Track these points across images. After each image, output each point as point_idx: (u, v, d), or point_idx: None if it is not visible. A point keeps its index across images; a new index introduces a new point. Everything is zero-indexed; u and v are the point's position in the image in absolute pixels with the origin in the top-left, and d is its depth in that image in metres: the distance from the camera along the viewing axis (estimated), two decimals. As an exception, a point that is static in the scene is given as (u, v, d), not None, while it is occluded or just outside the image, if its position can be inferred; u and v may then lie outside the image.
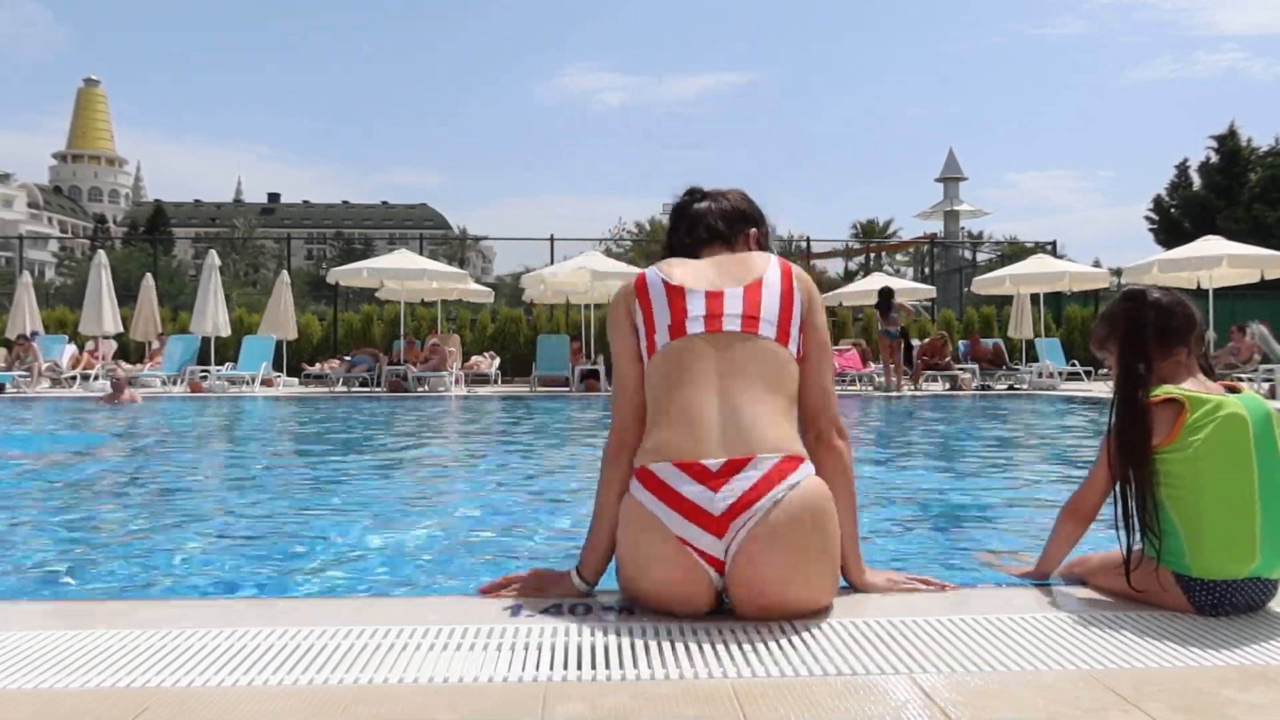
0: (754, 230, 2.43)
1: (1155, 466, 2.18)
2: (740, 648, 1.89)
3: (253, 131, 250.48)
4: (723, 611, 2.11)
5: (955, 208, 37.54)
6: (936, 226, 38.36)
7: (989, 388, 16.30)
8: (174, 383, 16.21)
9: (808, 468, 2.08)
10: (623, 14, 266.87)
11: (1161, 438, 2.18)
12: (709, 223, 2.39)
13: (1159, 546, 2.18)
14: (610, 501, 2.18)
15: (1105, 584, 2.36)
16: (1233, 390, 2.25)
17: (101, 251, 18.80)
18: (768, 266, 2.24)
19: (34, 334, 17.20)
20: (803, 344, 2.21)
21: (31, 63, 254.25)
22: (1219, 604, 2.15)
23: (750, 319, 2.15)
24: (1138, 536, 2.22)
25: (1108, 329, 2.37)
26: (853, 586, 2.29)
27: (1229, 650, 1.90)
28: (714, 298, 2.17)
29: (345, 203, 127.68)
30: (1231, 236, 18.71)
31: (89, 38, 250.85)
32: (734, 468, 2.00)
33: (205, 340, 16.89)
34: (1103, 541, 2.50)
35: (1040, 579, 2.47)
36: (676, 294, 2.19)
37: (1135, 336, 2.27)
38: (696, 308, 2.16)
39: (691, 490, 2.00)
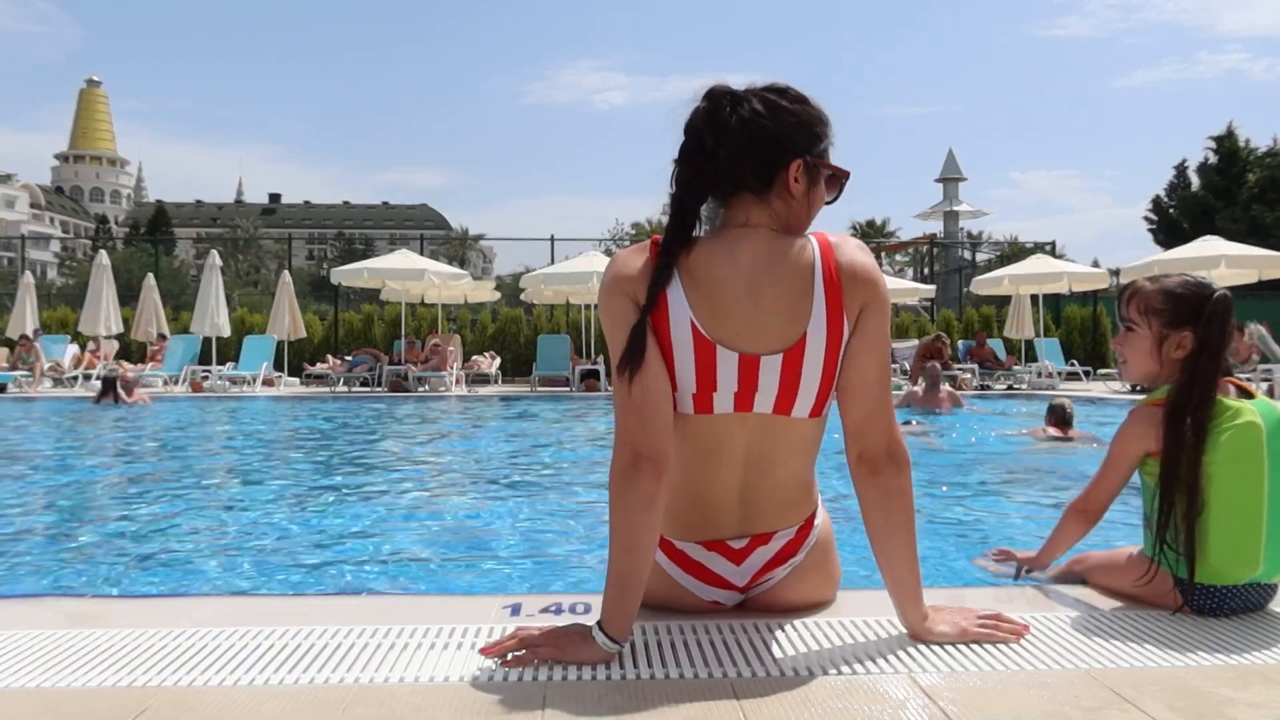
0: (795, 165, 1.83)
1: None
2: (740, 647, 1.89)
3: (254, 132, 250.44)
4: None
5: (955, 208, 37.57)
6: (936, 227, 38.38)
7: (989, 388, 16.30)
8: (175, 383, 16.21)
9: (820, 519, 2.10)
10: (625, 14, 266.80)
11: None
12: (736, 171, 1.83)
13: (1186, 552, 2.13)
14: (637, 536, 1.76)
15: (1105, 582, 2.36)
16: (1245, 394, 2.22)
17: (103, 252, 18.80)
18: (814, 303, 1.80)
19: (36, 333, 17.21)
20: (849, 345, 1.83)
21: (42, 62, 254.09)
22: (1216, 608, 2.14)
23: (786, 399, 1.84)
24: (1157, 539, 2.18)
25: (1177, 313, 2.21)
26: (914, 637, 1.92)
27: (1228, 650, 1.90)
28: (749, 365, 1.81)
29: (346, 203, 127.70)
30: (1230, 237, 18.71)
31: (93, 38, 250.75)
32: (756, 544, 2.01)
33: (206, 340, 16.89)
34: (1114, 540, 2.50)
35: (1038, 568, 2.47)
36: (706, 351, 1.80)
37: (1218, 343, 2.17)
38: (728, 378, 1.82)
39: (719, 565, 2.02)
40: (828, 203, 1.93)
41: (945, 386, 9.88)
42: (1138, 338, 2.29)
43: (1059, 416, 7.12)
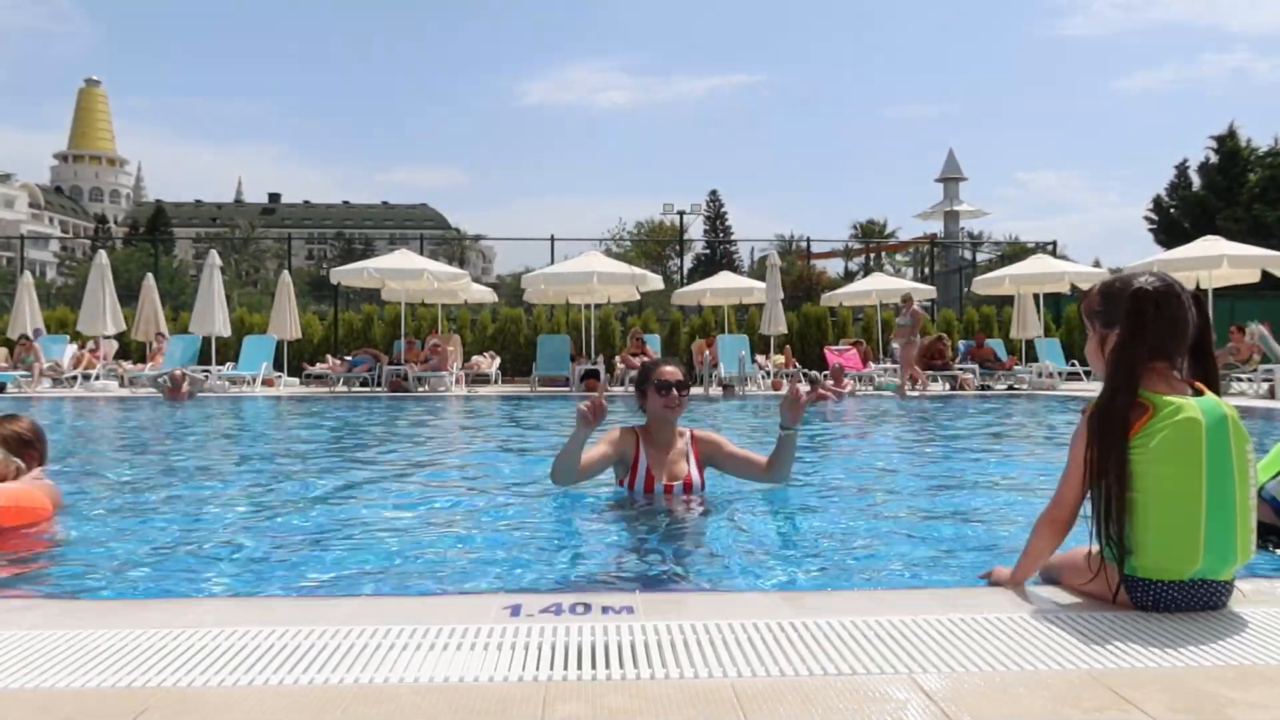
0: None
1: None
2: (740, 648, 1.89)
3: (254, 132, 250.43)
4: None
5: (955, 208, 37.60)
6: (936, 227, 38.41)
7: (989, 388, 16.30)
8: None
9: None
10: (627, 14, 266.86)
11: (1126, 435, 2.18)
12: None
13: (1118, 547, 2.18)
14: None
15: (1068, 582, 2.38)
16: (1197, 392, 2.25)
17: (102, 251, 18.78)
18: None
19: (36, 333, 17.20)
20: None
21: (53, 60, 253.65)
22: (1160, 604, 2.16)
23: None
24: (1099, 535, 2.23)
25: (1109, 312, 2.30)
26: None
27: (1228, 650, 1.90)
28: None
29: (345, 203, 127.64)
30: (1231, 237, 18.70)
31: (101, 37, 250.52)
32: None
33: (206, 340, 16.90)
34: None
35: (1014, 586, 2.42)
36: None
37: (1135, 335, 2.23)
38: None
39: None
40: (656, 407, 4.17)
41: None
42: (1089, 339, 2.36)
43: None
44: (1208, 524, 2.13)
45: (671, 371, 4.13)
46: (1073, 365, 17.85)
